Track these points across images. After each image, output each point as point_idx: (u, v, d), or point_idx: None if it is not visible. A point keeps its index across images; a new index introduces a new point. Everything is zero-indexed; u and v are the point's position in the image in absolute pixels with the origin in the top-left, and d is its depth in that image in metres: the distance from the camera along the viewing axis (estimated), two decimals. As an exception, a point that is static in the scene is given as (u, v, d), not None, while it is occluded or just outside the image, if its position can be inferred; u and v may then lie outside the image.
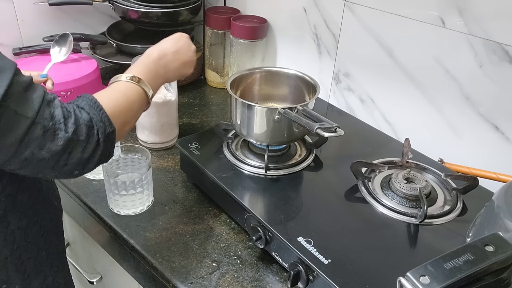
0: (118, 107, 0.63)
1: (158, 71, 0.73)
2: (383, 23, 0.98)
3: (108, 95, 0.64)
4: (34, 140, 0.53)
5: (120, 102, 0.64)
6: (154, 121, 0.98)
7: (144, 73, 0.70)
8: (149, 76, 0.71)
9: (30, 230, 0.68)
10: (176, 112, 1.03)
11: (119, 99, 0.65)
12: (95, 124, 0.59)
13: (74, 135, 0.56)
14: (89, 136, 0.58)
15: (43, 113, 0.54)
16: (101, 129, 0.59)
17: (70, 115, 0.57)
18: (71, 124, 0.56)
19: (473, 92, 0.89)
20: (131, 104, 0.66)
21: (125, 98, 0.66)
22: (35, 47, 1.19)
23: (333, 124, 0.75)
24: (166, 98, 0.98)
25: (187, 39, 0.81)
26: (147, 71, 0.71)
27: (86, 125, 0.57)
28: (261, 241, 0.73)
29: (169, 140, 1.03)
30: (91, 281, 1.03)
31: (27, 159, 0.54)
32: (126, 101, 0.66)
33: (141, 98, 0.68)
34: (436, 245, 0.71)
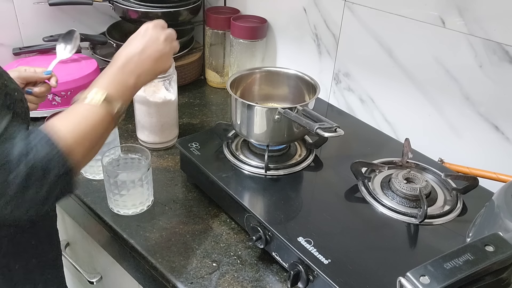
0: (78, 136, 0.57)
1: (126, 80, 0.65)
2: (383, 23, 0.98)
3: (67, 123, 0.57)
4: None
5: (81, 129, 0.58)
6: (154, 121, 0.98)
7: (110, 86, 0.63)
8: (117, 88, 0.63)
9: (20, 238, 0.66)
10: (176, 112, 1.03)
11: (80, 125, 0.58)
12: (51, 164, 0.53)
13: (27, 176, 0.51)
14: (43, 177, 0.52)
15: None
16: (55, 170, 0.53)
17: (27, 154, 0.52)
18: (25, 165, 0.51)
19: (473, 92, 0.89)
20: (94, 129, 0.59)
21: (87, 123, 0.58)
22: (35, 47, 1.19)
23: (333, 124, 0.75)
24: (166, 98, 0.98)
25: (153, 29, 0.70)
26: (115, 83, 0.64)
27: (41, 167, 0.52)
28: (261, 241, 0.73)
29: (169, 140, 1.03)
30: (91, 281, 1.03)
31: None
32: (88, 126, 0.58)
33: (105, 121, 0.60)
34: (436, 245, 0.71)
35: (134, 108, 1.00)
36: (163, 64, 0.70)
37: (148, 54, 0.68)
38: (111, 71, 0.65)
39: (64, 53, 1.04)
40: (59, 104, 1.09)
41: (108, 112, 0.61)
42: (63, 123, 0.57)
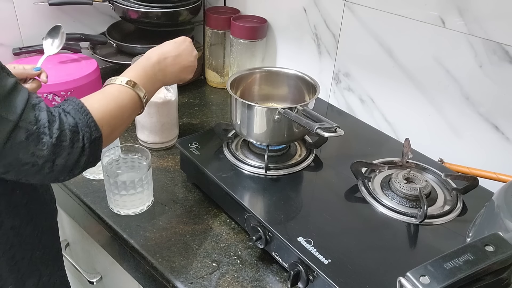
0: (107, 112, 0.62)
1: (156, 74, 0.72)
2: (383, 23, 0.98)
3: (98, 99, 0.63)
4: (17, 145, 0.52)
5: (110, 106, 0.63)
6: (154, 121, 0.98)
7: (140, 76, 0.69)
8: (145, 80, 0.69)
9: (24, 229, 0.67)
10: (176, 112, 1.03)
11: (110, 103, 0.63)
12: (80, 129, 0.57)
13: (58, 140, 0.54)
14: (73, 142, 0.56)
15: (27, 117, 0.53)
16: (86, 135, 0.57)
17: (55, 120, 0.55)
18: (56, 129, 0.54)
19: (473, 92, 0.89)
20: (122, 109, 0.65)
21: (116, 102, 0.64)
22: (35, 47, 1.19)
23: (333, 124, 0.75)
24: (166, 98, 0.98)
25: (189, 44, 0.80)
26: (144, 75, 0.70)
27: (71, 130, 0.56)
28: (261, 241, 0.73)
29: (169, 140, 1.03)
30: (91, 281, 1.03)
31: (11, 164, 0.53)
32: (117, 105, 0.64)
33: (134, 103, 0.67)
34: (436, 245, 0.71)
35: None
36: (187, 74, 0.80)
37: (180, 60, 0.77)
38: (144, 63, 0.72)
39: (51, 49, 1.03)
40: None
41: (136, 95, 0.67)
42: (94, 98, 0.62)
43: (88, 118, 0.58)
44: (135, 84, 0.67)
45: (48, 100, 1.07)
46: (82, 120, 0.58)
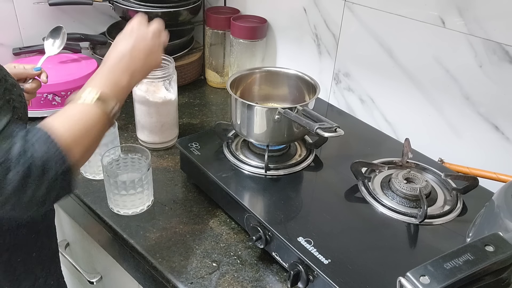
0: (76, 135, 0.57)
1: (120, 79, 0.65)
2: (383, 23, 0.98)
3: (63, 123, 0.57)
4: None
5: (78, 128, 0.57)
6: (154, 121, 0.98)
7: (104, 85, 0.62)
8: (110, 87, 0.63)
9: (20, 231, 0.67)
10: (176, 112, 1.03)
11: (76, 125, 0.58)
12: (50, 162, 0.53)
13: (26, 173, 0.51)
14: (42, 175, 0.52)
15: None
16: (56, 167, 0.53)
17: (26, 152, 0.52)
18: (25, 162, 0.51)
19: (473, 92, 0.89)
20: (90, 128, 0.59)
21: (83, 122, 0.58)
22: (35, 47, 1.19)
23: (333, 124, 0.75)
24: (166, 98, 0.98)
25: (139, 27, 0.70)
26: (108, 82, 0.63)
27: (40, 165, 0.52)
28: (261, 241, 0.73)
29: (169, 140, 1.03)
30: (91, 281, 1.03)
31: None
32: (84, 125, 0.58)
33: (101, 120, 0.60)
34: (436, 245, 0.71)
35: (134, 108, 1.00)
36: (154, 59, 0.70)
37: (138, 51, 0.67)
38: (103, 71, 0.65)
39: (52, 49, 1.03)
40: (59, 104, 1.09)
41: (103, 111, 0.60)
42: (60, 122, 0.57)
43: (57, 149, 0.54)
44: (98, 98, 0.60)
45: (48, 100, 1.07)
46: (51, 151, 0.53)
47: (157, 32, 0.71)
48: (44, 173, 0.52)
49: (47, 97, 1.07)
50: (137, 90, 0.96)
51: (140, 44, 0.68)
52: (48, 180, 0.53)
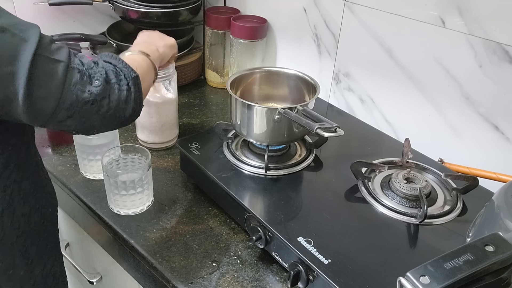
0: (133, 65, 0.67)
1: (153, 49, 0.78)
2: (383, 23, 0.98)
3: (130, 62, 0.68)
4: (74, 84, 0.57)
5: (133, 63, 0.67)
6: (154, 121, 0.98)
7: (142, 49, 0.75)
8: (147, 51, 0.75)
9: (33, 217, 0.71)
10: (176, 112, 1.03)
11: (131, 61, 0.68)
12: (119, 69, 0.63)
13: (107, 78, 0.61)
14: (119, 79, 0.62)
15: (74, 60, 0.58)
16: (126, 74, 0.63)
17: (97, 63, 0.62)
18: (101, 68, 0.61)
19: (473, 92, 0.89)
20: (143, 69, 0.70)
21: (137, 64, 0.69)
22: (35, 47, 1.19)
23: (333, 124, 0.75)
24: (166, 98, 0.98)
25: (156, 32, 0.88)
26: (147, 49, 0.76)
27: (112, 70, 0.62)
28: (261, 241, 0.73)
29: (169, 140, 1.03)
30: (91, 281, 1.03)
31: (73, 105, 0.57)
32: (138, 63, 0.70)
33: (149, 67, 0.73)
34: (436, 245, 0.71)
35: None
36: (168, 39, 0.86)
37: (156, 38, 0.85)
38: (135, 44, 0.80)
39: None
40: (59, 104, 1.09)
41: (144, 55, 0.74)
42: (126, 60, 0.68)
43: (122, 61, 0.65)
44: (143, 52, 0.74)
45: (48, 100, 1.07)
46: (118, 63, 0.64)
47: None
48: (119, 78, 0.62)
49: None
50: None
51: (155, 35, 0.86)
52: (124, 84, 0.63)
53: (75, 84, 0.57)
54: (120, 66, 0.64)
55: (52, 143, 1.02)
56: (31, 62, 0.53)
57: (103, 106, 0.60)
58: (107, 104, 0.61)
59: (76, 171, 0.94)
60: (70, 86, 0.57)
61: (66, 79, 0.56)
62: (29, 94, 0.54)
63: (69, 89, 0.57)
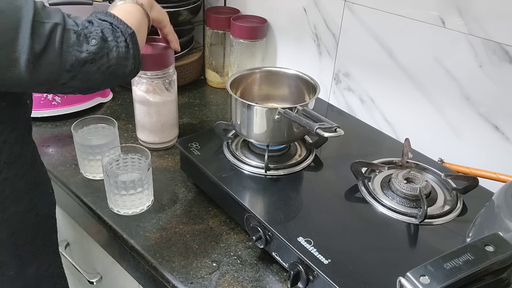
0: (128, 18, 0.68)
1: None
2: (383, 23, 0.98)
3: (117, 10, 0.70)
4: (72, 45, 0.58)
5: (124, 11, 0.69)
6: (154, 121, 0.98)
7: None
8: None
9: (27, 216, 0.69)
10: (176, 112, 1.03)
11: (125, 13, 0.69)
12: (115, 27, 0.64)
13: (103, 36, 0.62)
14: (116, 36, 0.63)
15: (68, 21, 0.59)
16: (123, 30, 0.64)
17: (92, 22, 0.63)
18: (96, 27, 0.62)
19: (473, 92, 0.89)
20: (138, 19, 0.71)
21: (132, 15, 0.70)
22: (35, 47, 1.19)
23: (333, 124, 0.75)
24: (166, 98, 0.98)
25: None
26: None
27: (108, 27, 0.63)
28: (261, 241, 0.73)
29: (169, 140, 1.03)
30: (91, 281, 1.03)
31: (73, 66, 0.59)
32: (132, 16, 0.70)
33: (143, 16, 0.74)
34: (436, 245, 0.71)
35: (134, 108, 1.00)
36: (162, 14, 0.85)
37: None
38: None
39: None
40: (59, 104, 1.09)
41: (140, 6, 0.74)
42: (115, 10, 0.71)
43: (117, 18, 0.66)
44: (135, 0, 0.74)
45: (48, 100, 1.07)
46: (113, 20, 0.65)
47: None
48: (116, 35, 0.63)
49: (47, 97, 1.07)
50: (137, 90, 0.96)
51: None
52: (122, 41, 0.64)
53: (72, 45, 0.58)
54: (115, 23, 0.65)
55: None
56: (31, 28, 0.54)
57: (103, 64, 0.62)
58: (107, 61, 0.62)
59: (76, 171, 0.94)
60: (68, 47, 0.58)
61: (64, 41, 0.58)
62: (31, 60, 0.55)
63: (68, 51, 0.58)
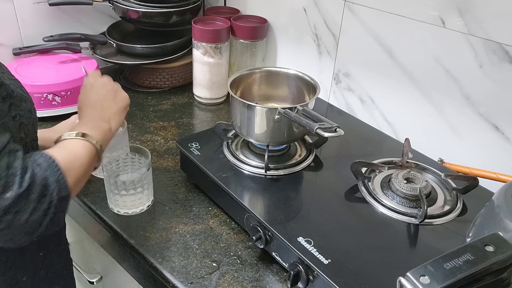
0: (71, 167, 0.58)
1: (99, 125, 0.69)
2: (383, 23, 0.98)
3: (60, 153, 0.58)
4: None
5: (71, 160, 0.59)
6: (207, 79, 1.18)
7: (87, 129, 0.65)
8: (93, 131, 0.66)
9: (27, 249, 0.65)
10: (225, 74, 1.21)
11: (69, 156, 0.59)
12: (50, 184, 0.54)
13: (26, 192, 0.51)
14: (41, 196, 0.53)
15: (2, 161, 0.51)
16: (56, 191, 0.54)
17: (27, 170, 0.52)
18: (27, 178, 0.52)
19: (473, 92, 0.89)
20: (82, 161, 0.61)
21: (76, 155, 0.61)
22: (35, 47, 1.19)
23: (333, 124, 0.75)
24: (218, 60, 1.16)
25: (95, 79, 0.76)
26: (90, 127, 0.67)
27: (41, 184, 0.53)
28: (261, 241, 0.73)
29: (218, 97, 1.22)
30: (91, 281, 1.03)
31: None
32: (77, 159, 0.61)
33: (91, 153, 0.63)
34: (436, 245, 0.71)
35: (193, 67, 1.20)
36: (122, 98, 0.76)
37: (106, 99, 0.73)
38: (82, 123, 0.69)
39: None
40: (59, 104, 1.09)
41: (92, 145, 0.64)
42: (56, 152, 0.58)
43: (59, 174, 0.55)
44: (86, 135, 0.64)
45: (48, 100, 1.07)
46: (53, 175, 0.55)
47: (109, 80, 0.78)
48: (43, 195, 0.53)
49: (47, 97, 1.07)
50: (196, 52, 1.17)
51: (104, 91, 0.74)
52: (45, 203, 0.53)
53: None
54: (52, 180, 0.54)
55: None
56: None
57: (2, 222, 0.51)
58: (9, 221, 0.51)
59: (76, 171, 0.94)
60: None
61: None
62: None
63: None
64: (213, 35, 1.14)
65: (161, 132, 1.08)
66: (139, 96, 1.24)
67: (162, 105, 1.20)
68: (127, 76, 1.31)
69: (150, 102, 1.21)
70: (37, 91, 1.05)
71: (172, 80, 1.28)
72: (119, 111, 0.74)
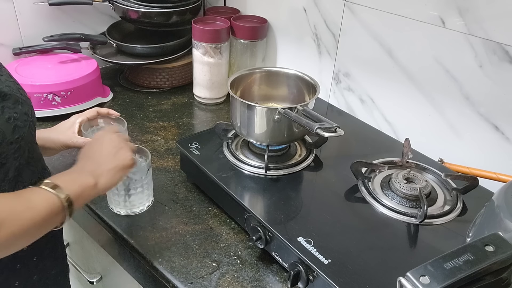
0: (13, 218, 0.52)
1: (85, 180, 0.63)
2: (383, 23, 0.98)
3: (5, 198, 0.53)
4: None
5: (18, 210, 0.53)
6: (207, 79, 1.18)
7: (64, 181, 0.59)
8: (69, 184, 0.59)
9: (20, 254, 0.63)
10: (225, 74, 1.21)
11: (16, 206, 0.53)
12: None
13: None
14: None
15: None
16: None
17: None
18: None
19: (473, 92, 0.89)
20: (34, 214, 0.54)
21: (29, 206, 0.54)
22: (35, 47, 1.19)
23: (333, 124, 0.75)
24: (218, 60, 1.16)
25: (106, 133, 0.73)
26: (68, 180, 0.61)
27: None
28: (261, 241, 0.73)
29: (218, 97, 1.22)
30: (91, 281, 1.03)
31: None
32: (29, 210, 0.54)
33: (52, 208, 0.56)
34: (436, 245, 0.71)
35: (193, 67, 1.20)
36: (123, 158, 0.69)
37: (106, 153, 0.68)
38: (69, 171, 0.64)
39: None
40: (59, 104, 1.09)
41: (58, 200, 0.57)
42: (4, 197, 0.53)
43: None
44: (56, 186, 0.57)
45: (48, 100, 1.07)
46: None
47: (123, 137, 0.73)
48: None
49: (47, 97, 1.07)
50: (196, 52, 1.17)
51: (107, 146, 0.69)
52: None
53: None
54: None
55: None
56: None
57: None
58: None
59: (76, 171, 0.94)
60: None
61: None
62: None
63: None
64: (213, 35, 1.13)
65: (161, 132, 1.08)
66: (139, 96, 1.24)
67: (162, 105, 1.20)
68: (127, 76, 1.31)
69: (150, 102, 1.21)
70: (37, 91, 1.05)
71: (172, 80, 1.28)
72: (114, 169, 0.67)
